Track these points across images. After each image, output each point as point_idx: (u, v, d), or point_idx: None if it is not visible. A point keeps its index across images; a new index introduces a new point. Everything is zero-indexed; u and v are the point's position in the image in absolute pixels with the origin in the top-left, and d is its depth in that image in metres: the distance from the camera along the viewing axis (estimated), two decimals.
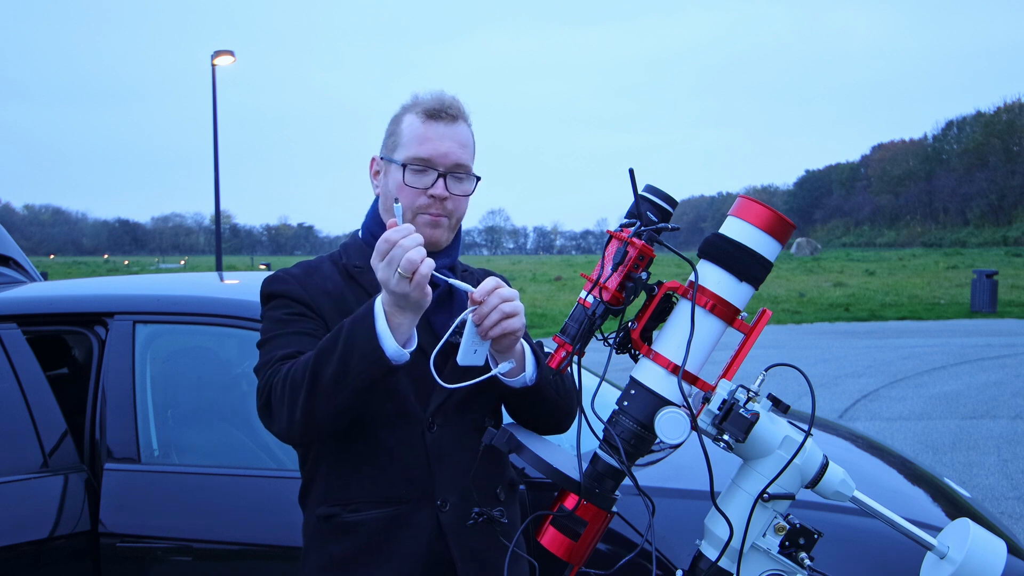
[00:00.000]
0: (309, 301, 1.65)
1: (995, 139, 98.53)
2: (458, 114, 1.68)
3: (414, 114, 1.67)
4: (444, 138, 1.65)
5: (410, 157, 1.64)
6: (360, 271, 1.70)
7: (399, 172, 1.65)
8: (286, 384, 1.50)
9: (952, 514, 2.73)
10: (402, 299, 1.40)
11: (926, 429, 7.56)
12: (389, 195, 1.68)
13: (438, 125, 1.66)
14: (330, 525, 1.63)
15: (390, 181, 1.68)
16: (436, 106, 1.66)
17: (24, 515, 2.46)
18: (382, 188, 1.73)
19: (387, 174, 1.70)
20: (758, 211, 1.35)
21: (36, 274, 3.89)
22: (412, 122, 1.67)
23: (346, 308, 1.61)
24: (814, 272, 36.88)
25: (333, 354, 1.45)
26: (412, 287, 1.38)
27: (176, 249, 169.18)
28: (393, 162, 1.67)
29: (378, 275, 1.41)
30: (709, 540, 1.39)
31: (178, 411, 2.86)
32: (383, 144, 1.73)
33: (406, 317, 1.44)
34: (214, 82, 20.33)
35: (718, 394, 1.33)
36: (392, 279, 1.38)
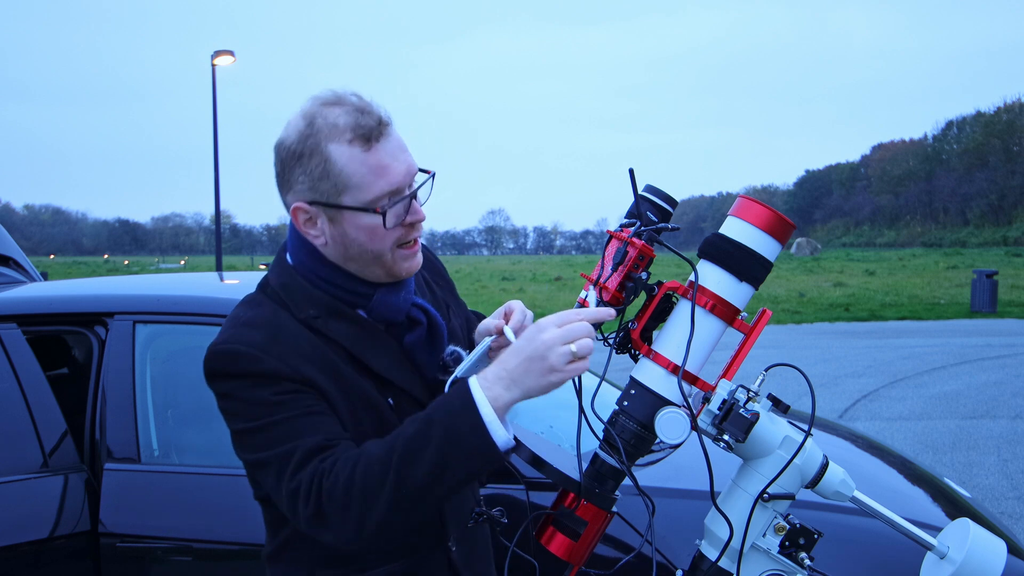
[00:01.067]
0: (296, 376, 1.36)
1: (995, 139, 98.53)
2: (387, 119, 1.39)
3: (344, 143, 1.35)
4: (396, 155, 1.38)
5: (377, 197, 1.37)
6: (321, 322, 1.43)
7: (370, 218, 1.38)
8: (352, 489, 1.26)
9: (952, 514, 2.73)
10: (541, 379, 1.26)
11: (926, 429, 7.56)
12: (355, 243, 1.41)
13: (382, 144, 1.37)
14: None
15: (351, 230, 1.39)
16: (367, 122, 1.36)
17: (24, 515, 2.46)
18: (335, 238, 1.42)
19: (339, 222, 1.39)
20: (758, 211, 1.35)
21: (36, 274, 3.89)
22: (351, 155, 1.35)
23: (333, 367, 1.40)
24: (814, 272, 36.89)
25: (424, 453, 1.25)
26: (571, 370, 1.26)
27: (176, 249, 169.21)
28: (349, 209, 1.37)
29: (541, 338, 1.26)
30: (709, 540, 1.39)
31: (178, 411, 2.85)
32: (306, 187, 1.38)
33: (514, 396, 1.28)
34: (214, 82, 20.33)
35: (718, 394, 1.33)
36: (561, 352, 1.25)
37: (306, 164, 1.37)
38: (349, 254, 1.43)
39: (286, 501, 1.32)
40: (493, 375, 1.29)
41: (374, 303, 1.46)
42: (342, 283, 1.45)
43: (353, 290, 1.46)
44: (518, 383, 1.28)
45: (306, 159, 1.37)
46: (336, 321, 1.44)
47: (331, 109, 1.37)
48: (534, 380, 1.27)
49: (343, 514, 1.27)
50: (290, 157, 1.38)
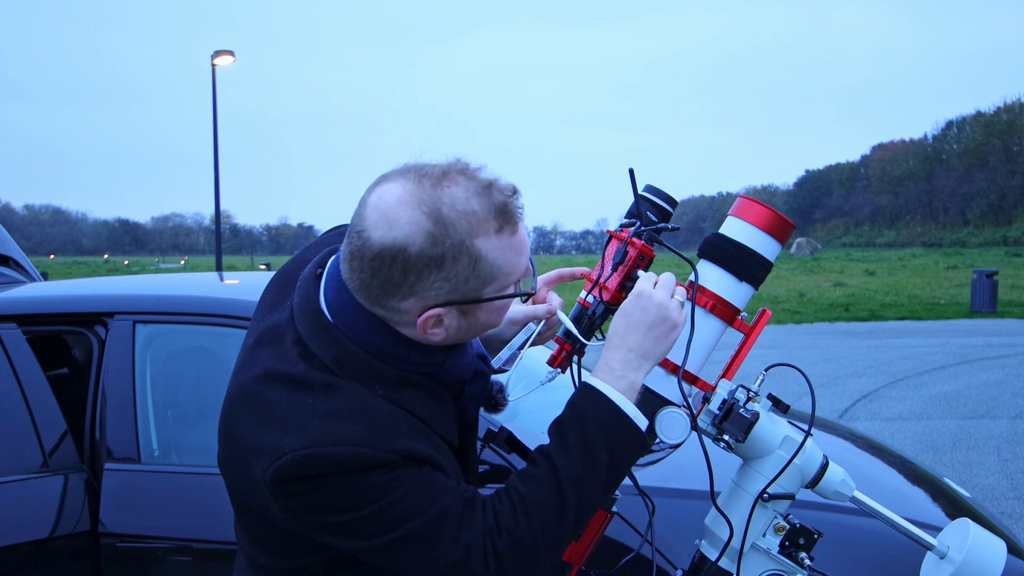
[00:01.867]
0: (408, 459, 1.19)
1: (995, 139, 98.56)
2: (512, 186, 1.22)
3: (492, 236, 1.17)
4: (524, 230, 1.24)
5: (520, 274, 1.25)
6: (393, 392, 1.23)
7: (506, 302, 1.26)
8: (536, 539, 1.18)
9: (952, 514, 2.73)
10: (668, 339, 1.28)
11: (926, 429, 7.56)
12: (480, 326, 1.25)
13: (520, 221, 1.22)
14: None
15: (483, 315, 1.24)
16: (505, 200, 1.18)
17: (24, 515, 2.46)
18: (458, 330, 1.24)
19: (473, 313, 1.23)
20: (758, 211, 1.35)
21: (36, 274, 3.89)
22: (500, 247, 1.18)
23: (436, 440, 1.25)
24: (814, 272, 36.88)
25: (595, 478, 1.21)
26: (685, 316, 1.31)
27: (176, 249, 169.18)
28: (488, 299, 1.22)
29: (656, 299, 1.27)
30: (709, 540, 1.39)
31: (178, 411, 2.85)
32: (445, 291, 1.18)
33: (644, 372, 1.28)
34: (214, 82, 20.34)
35: (718, 394, 1.33)
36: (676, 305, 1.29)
37: (449, 268, 1.16)
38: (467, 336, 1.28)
39: (447, 570, 1.18)
40: (620, 362, 1.26)
41: (447, 368, 1.28)
42: (418, 359, 1.25)
43: (428, 361, 1.26)
44: (648, 355, 1.28)
45: (449, 264, 1.16)
46: (405, 390, 1.24)
47: (452, 191, 1.16)
48: (663, 344, 1.29)
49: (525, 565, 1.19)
50: (421, 267, 1.15)
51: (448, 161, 1.19)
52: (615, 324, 1.30)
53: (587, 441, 1.22)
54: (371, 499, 1.16)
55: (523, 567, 1.19)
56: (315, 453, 1.14)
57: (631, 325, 1.28)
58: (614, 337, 1.28)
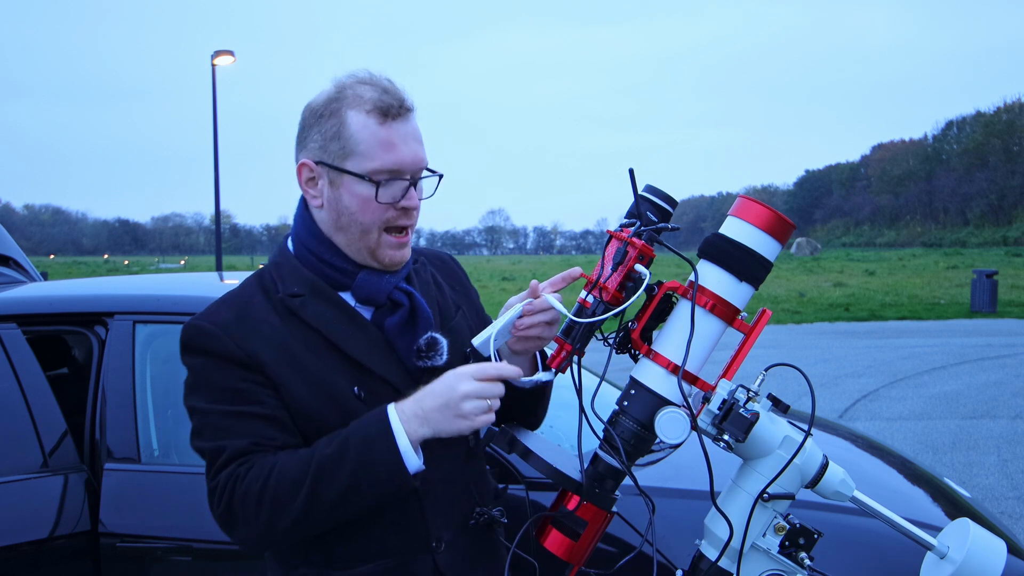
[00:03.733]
0: (247, 360, 1.41)
1: (995, 139, 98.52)
2: (410, 105, 1.46)
3: (363, 112, 1.42)
4: (407, 139, 1.44)
5: (377, 169, 1.42)
6: (301, 302, 1.47)
7: (365, 188, 1.43)
8: (264, 497, 1.33)
9: (952, 514, 2.73)
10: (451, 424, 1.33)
11: (926, 429, 7.56)
12: (347, 211, 1.46)
13: (397, 124, 1.43)
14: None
15: (345, 195, 1.44)
16: (389, 101, 1.43)
17: (24, 515, 2.46)
18: (330, 201, 1.47)
19: (338, 185, 1.45)
20: (758, 211, 1.35)
21: (36, 274, 3.89)
22: (365, 123, 1.42)
23: (289, 353, 1.43)
24: (814, 272, 36.88)
25: (338, 473, 1.32)
26: (480, 422, 1.34)
27: (176, 249, 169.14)
28: (349, 174, 1.43)
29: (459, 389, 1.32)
30: (709, 540, 1.39)
31: (178, 411, 2.85)
32: (318, 145, 1.45)
33: (425, 432, 1.35)
34: (214, 82, 20.34)
35: (718, 394, 1.33)
36: (475, 405, 1.32)
37: (323, 124, 1.44)
38: (340, 222, 1.47)
39: (208, 496, 1.40)
40: (410, 411, 1.35)
41: (359, 281, 1.49)
42: (329, 258, 1.49)
43: (340, 267, 1.49)
44: (430, 422, 1.34)
45: (324, 119, 1.44)
46: (317, 303, 1.47)
47: (361, 84, 1.45)
48: (446, 424, 1.34)
49: (252, 520, 1.35)
50: (311, 116, 1.47)
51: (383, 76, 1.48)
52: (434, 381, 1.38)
53: (349, 442, 1.34)
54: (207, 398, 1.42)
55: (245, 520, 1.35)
56: (191, 323, 1.46)
57: (432, 391, 1.36)
58: (421, 391, 1.37)
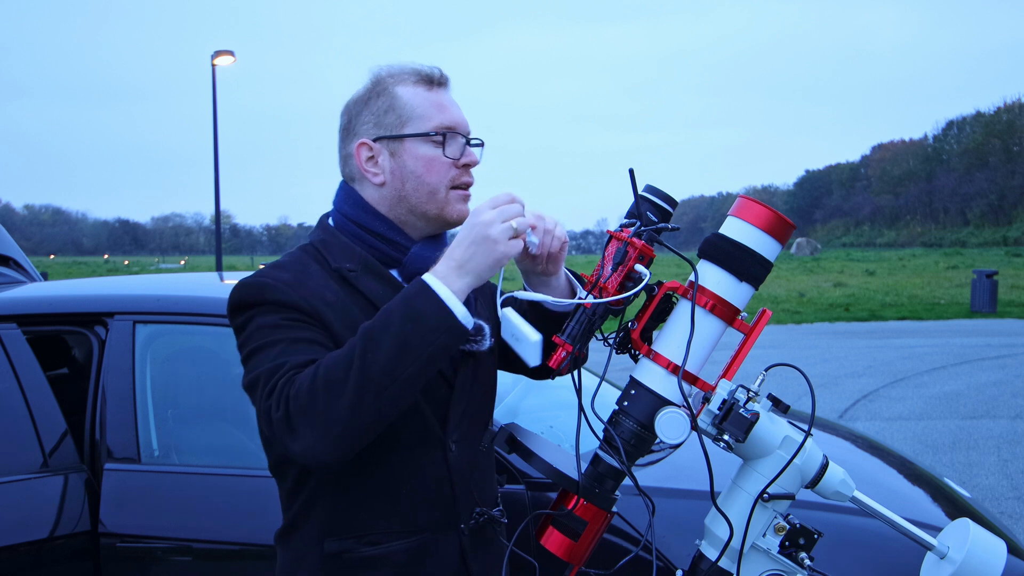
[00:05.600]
0: (312, 311, 1.41)
1: (995, 139, 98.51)
2: (446, 78, 1.54)
3: (410, 84, 1.50)
4: (454, 104, 1.53)
5: (438, 126, 1.48)
6: (356, 275, 1.48)
7: (426, 145, 1.48)
8: (316, 387, 1.27)
9: (952, 514, 2.73)
10: (486, 255, 1.32)
11: (926, 429, 7.56)
12: (412, 176, 1.49)
13: (443, 90, 1.53)
14: (342, 562, 1.45)
15: (409, 160, 1.48)
16: (430, 71, 1.51)
17: (24, 515, 2.46)
18: (394, 171, 1.50)
19: (399, 154, 1.49)
20: (758, 211, 1.35)
21: (36, 274, 3.89)
22: (415, 92, 1.49)
23: (352, 320, 1.41)
24: (814, 272, 36.88)
25: (386, 337, 1.28)
26: (512, 247, 1.33)
27: (176, 249, 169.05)
28: (411, 136, 1.48)
29: (480, 219, 1.32)
30: (709, 540, 1.39)
31: (178, 411, 2.86)
32: (371, 124, 1.50)
33: (466, 281, 1.33)
34: (214, 82, 20.33)
35: (718, 394, 1.33)
36: (501, 228, 1.31)
37: (373, 104, 1.50)
38: (405, 191, 1.50)
39: (263, 417, 1.34)
40: (443, 268, 1.34)
41: (410, 256, 1.51)
42: (384, 232, 1.51)
43: (394, 241, 1.51)
44: (465, 269, 1.33)
45: (373, 100, 1.50)
46: (368, 278, 1.49)
47: (398, 67, 1.52)
48: (483, 257, 1.33)
49: (308, 416, 1.27)
50: (357, 104, 1.52)
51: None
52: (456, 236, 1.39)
53: (391, 310, 1.31)
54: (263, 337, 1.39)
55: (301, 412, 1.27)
56: (246, 281, 1.45)
57: (459, 240, 1.36)
58: (450, 247, 1.37)
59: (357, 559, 1.45)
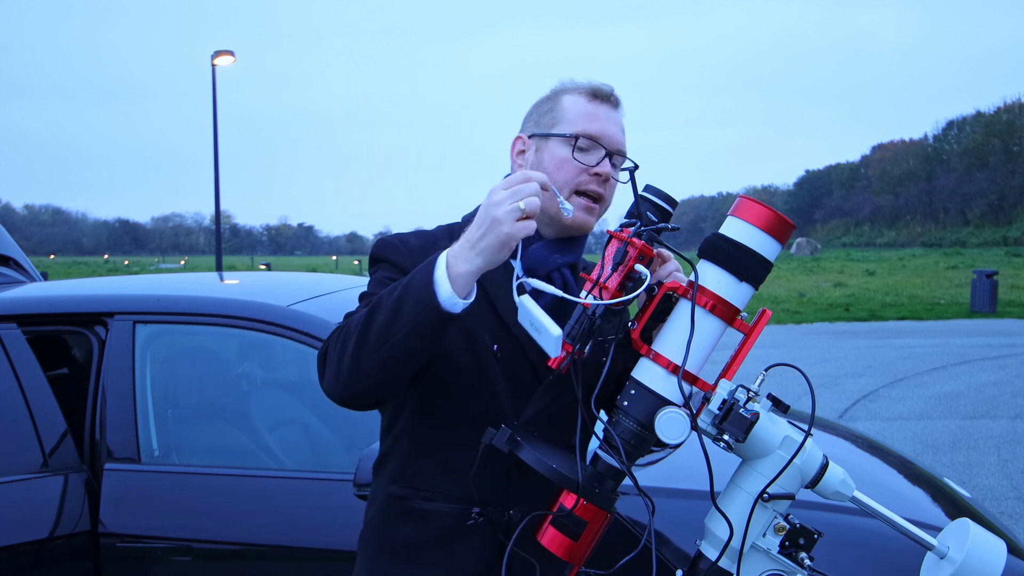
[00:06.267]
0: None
1: (995, 139, 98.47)
2: (619, 101, 1.63)
3: (576, 94, 1.61)
4: (611, 120, 1.60)
5: (580, 132, 1.56)
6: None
7: (564, 146, 1.57)
8: (341, 335, 1.43)
9: (952, 514, 2.73)
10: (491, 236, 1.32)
11: (926, 429, 7.56)
12: (544, 171, 1.54)
13: (605, 107, 1.61)
14: (399, 507, 1.59)
15: (546, 156, 1.58)
16: (601, 87, 1.61)
17: (24, 515, 2.46)
18: (532, 167, 1.60)
19: (542, 150, 1.60)
20: (758, 211, 1.35)
21: (36, 274, 3.90)
22: (576, 100, 1.60)
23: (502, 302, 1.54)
24: (814, 272, 36.88)
25: (388, 301, 1.38)
26: (519, 228, 1.31)
27: (176, 249, 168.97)
28: (553, 135, 1.58)
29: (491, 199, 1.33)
30: (709, 540, 1.39)
31: (178, 411, 2.86)
32: (532, 122, 1.64)
33: (473, 265, 1.34)
34: (214, 82, 20.33)
35: (718, 394, 1.33)
36: (507, 208, 1.31)
37: (542, 106, 1.63)
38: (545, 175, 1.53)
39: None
40: (457, 248, 1.37)
41: (531, 249, 1.58)
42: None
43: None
44: (476, 249, 1.33)
45: (544, 103, 1.64)
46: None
47: (579, 81, 1.63)
48: (488, 239, 1.32)
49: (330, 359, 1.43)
50: (534, 104, 1.66)
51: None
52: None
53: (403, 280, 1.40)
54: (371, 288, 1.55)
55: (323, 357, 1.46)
56: (385, 237, 1.62)
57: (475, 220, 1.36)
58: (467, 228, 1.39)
59: (412, 508, 1.57)
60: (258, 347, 3.17)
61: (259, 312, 2.71)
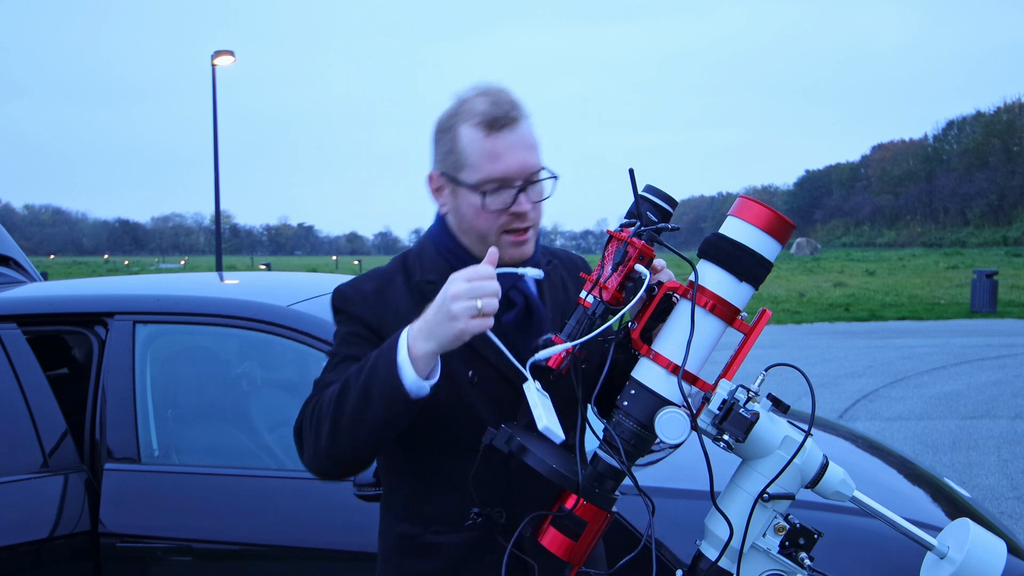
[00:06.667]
0: (377, 326, 1.53)
1: (995, 139, 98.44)
2: (518, 114, 1.49)
3: (471, 126, 1.47)
4: (514, 148, 1.47)
5: (484, 179, 1.47)
6: (433, 288, 1.46)
7: (474, 197, 1.48)
8: (315, 413, 1.44)
9: (952, 514, 2.73)
10: (446, 328, 1.32)
11: (926, 429, 7.56)
12: (465, 218, 1.53)
13: (504, 135, 1.47)
14: (410, 544, 1.59)
15: (462, 204, 1.51)
16: (495, 112, 1.47)
17: (24, 515, 2.46)
18: (453, 209, 1.55)
19: (456, 195, 1.52)
20: (758, 211, 1.35)
21: (36, 274, 3.90)
22: (473, 137, 1.47)
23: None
24: (814, 272, 36.88)
25: (356, 384, 1.39)
26: (473, 326, 1.31)
27: (176, 249, 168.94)
28: (462, 184, 1.50)
29: (449, 290, 1.32)
30: (709, 540, 1.39)
31: (178, 411, 2.86)
32: (439, 158, 1.54)
33: (430, 347, 1.34)
34: (214, 82, 20.33)
35: (718, 394, 1.33)
36: (464, 305, 1.31)
37: (443, 139, 1.53)
38: (461, 227, 1.56)
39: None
40: (416, 327, 1.38)
41: None
42: (458, 253, 1.57)
43: (465, 261, 1.52)
44: (432, 334, 1.35)
45: (443, 134, 1.53)
46: None
47: (476, 96, 1.50)
48: (443, 329, 1.34)
49: (307, 436, 1.46)
50: (436, 131, 1.56)
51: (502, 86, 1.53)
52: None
53: (368, 359, 1.41)
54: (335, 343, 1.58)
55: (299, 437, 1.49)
56: (339, 287, 1.61)
57: (434, 303, 1.37)
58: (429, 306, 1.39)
59: (424, 544, 1.58)
60: (258, 347, 3.17)
61: (259, 312, 2.71)
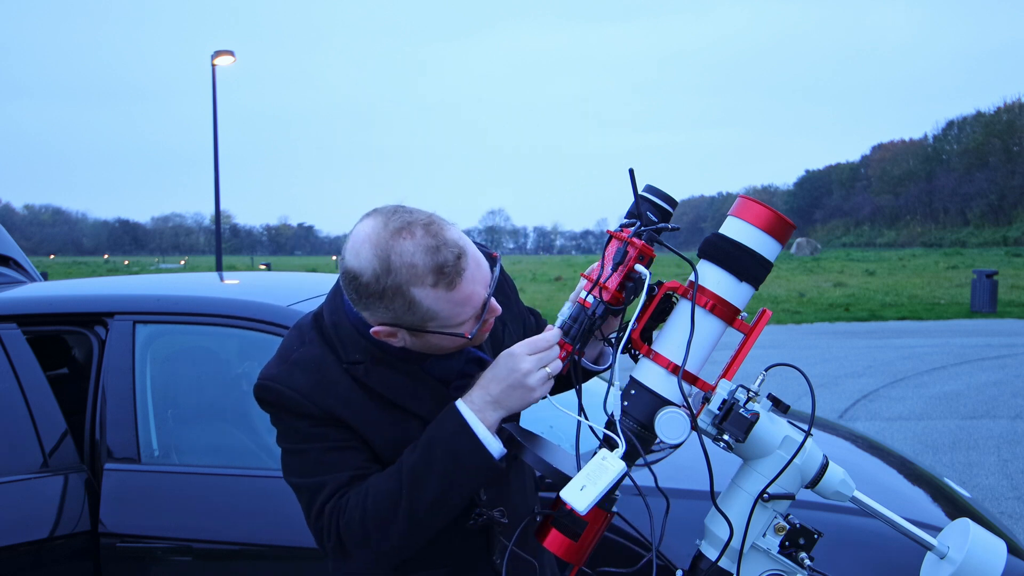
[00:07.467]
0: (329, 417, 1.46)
1: (995, 139, 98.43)
2: (461, 251, 1.36)
3: (428, 287, 1.34)
4: (474, 278, 1.37)
5: (463, 321, 1.40)
6: (364, 369, 1.46)
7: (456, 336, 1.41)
8: (367, 520, 1.39)
9: (952, 514, 2.73)
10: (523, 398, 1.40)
11: (926, 429, 7.56)
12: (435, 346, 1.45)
13: (463, 279, 1.36)
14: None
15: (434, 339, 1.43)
16: (443, 261, 1.34)
17: (24, 515, 2.46)
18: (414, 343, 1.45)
19: (419, 337, 1.42)
20: (758, 211, 1.35)
21: (36, 274, 3.90)
22: (436, 297, 1.35)
23: (373, 419, 1.46)
24: (814, 272, 36.88)
25: (430, 476, 1.38)
26: (546, 390, 1.41)
27: (176, 249, 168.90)
28: (436, 332, 1.41)
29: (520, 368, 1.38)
30: (709, 540, 1.39)
31: (178, 411, 2.85)
32: (390, 317, 1.39)
33: (500, 415, 1.41)
34: (214, 82, 20.33)
35: (718, 394, 1.33)
36: (540, 377, 1.39)
37: (389, 302, 1.36)
38: (424, 348, 1.47)
39: (314, 535, 1.48)
40: (480, 400, 1.41)
41: (428, 366, 1.52)
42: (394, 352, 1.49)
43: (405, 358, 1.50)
44: (501, 404, 1.40)
45: (388, 299, 1.36)
46: (379, 369, 1.48)
47: (403, 243, 1.34)
48: (517, 401, 1.40)
49: (363, 546, 1.41)
50: (367, 294, 1.37)
51: (423, 213, 1.39)
52: (490, 368, 1.44)
53: (432, 445, 1.40)
54: (295, 441, 1.48)
55: (356, 547, 1.42)
56: (266, 385, 1.48)
57: (495, 377, 1.41)
58: (483, 379, 1.43)
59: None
60: (258, 347, 3.17)
61: (259, 312, 2.71)
